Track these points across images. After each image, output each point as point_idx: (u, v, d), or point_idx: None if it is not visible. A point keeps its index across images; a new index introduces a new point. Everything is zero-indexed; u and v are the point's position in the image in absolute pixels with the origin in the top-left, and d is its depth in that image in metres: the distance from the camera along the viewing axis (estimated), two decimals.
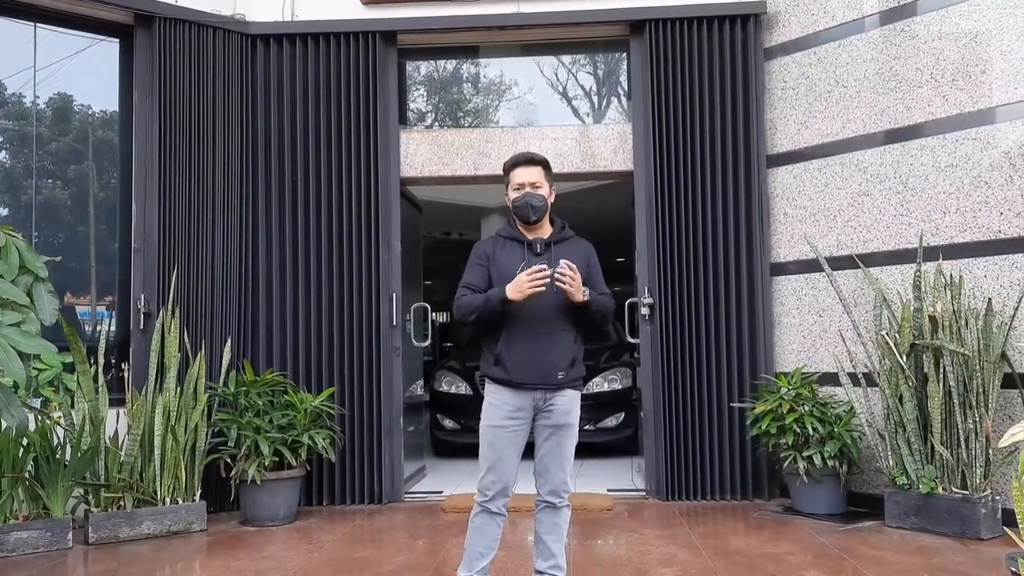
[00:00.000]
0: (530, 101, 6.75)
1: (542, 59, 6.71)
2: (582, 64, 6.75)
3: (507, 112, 6.82)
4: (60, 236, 5.95)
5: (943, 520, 4.79)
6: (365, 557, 4.60)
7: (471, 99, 6.90)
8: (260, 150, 6.13)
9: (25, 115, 5.84)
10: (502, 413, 3.47)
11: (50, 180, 5.95)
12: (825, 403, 5.39)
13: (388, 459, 6.02)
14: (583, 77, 6.79)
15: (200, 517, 5.31)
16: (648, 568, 4.27)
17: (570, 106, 6.75)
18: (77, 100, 6.05)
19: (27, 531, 4.81)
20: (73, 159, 6.02)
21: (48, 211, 5.91)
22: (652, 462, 5.97)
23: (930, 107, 5.35)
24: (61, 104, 6.00)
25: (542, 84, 6.72)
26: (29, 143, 5.84)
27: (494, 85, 6.88)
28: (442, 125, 6.84)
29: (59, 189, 5.97)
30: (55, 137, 5.98)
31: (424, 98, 6.94)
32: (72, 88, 5.99)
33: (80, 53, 5.95)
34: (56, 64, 5.88)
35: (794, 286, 5.94)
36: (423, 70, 6.87)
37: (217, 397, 5.58)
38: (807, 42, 5.93)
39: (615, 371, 7.80)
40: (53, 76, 5.88)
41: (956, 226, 5.21)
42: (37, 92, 5.83)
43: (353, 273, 6.03)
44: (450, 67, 6.89)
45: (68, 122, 6.05)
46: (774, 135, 6.07)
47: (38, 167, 5.89)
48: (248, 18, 6.16)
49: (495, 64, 6.80)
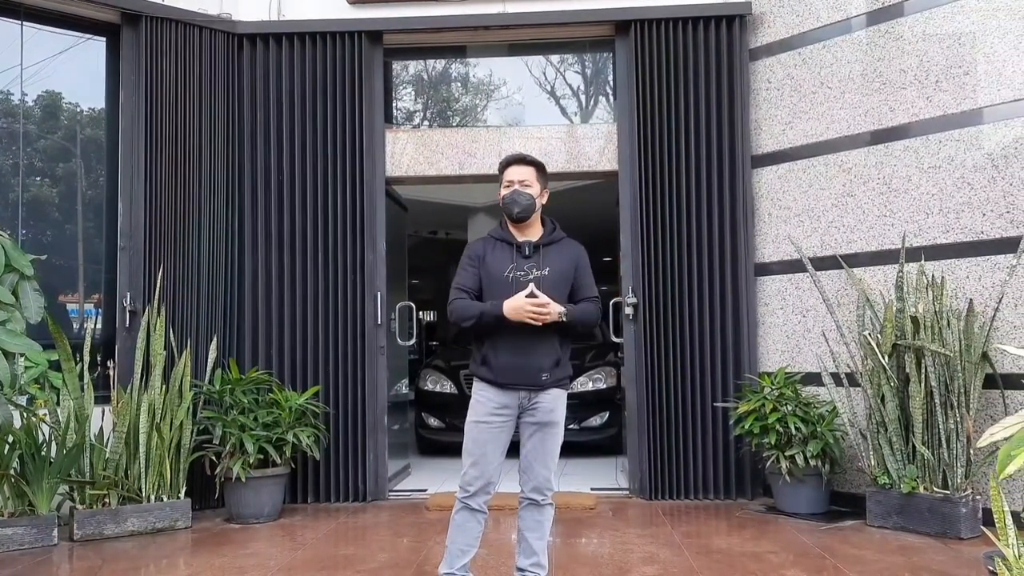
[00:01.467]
0: (516, 101, 6.78)
1: (528, 59, 6.73)
2: (568, 64, 6.78)
3: (493, 112, 6.85)
4: (49, 234, 5.95)
5: (924, 520, 4.82)
6: (349, 555, 4.61)
7: (457, 99, 6.91)
8: (246, 149, 6.14)
9: (12, 112, 5.84)
10: (487, 409, 3.52)
11: (39, 178, 5.94)
12: (808, 403, 5.42)
13: (372, 457, 6.03)
14: (569, 77, 6.81)
15: (185, 514, 5.32)
16: (630, 566, 4.29)
17: (556, 106, 6.77)
18: (65, 98, 6.05)
19: (12, 528, 4.81)
20: (61, 157, 6.01)
21: (36, 209, 5.90)
22: (635, 461, 5.99)
23: (914, 108, 5.38)
24: (49, 102, 6.00)
25: (528, 84, 6.74)
26: (16, 141, 5.83)
27: (480, 85, 6.90)
28: (428, 125, 6.85)
29: (47, 187, 5.97)
30: (43, 135, 5.98)
31: (410, 98, 6.95)
32: (59, 86, 5.98)
33: (67, 51, 5.94)
34: (44, 62, 5.88)
35: (778, 286, 5.97)
36: (409, 70, 6.88)
37: (202, 395, 5.59)
38: (792, 43, 5.96)
39: (600, 370, 7.82)
40: (40, 74, 5.88)
41: (939, 227, 5.24)
42: (25, 90, 5.83)
43: (338, 272, 6.04)
44: (436, 67, 6.90)
45: (56, 120, 6.05)
46: (759, 135, 6.10)
47: (26, 165, 5.88)
48: (235, 17, 6.16)
49: (481, 64, 6.82)
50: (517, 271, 3.52)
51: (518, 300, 3.38)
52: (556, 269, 3.56)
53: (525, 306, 3.36)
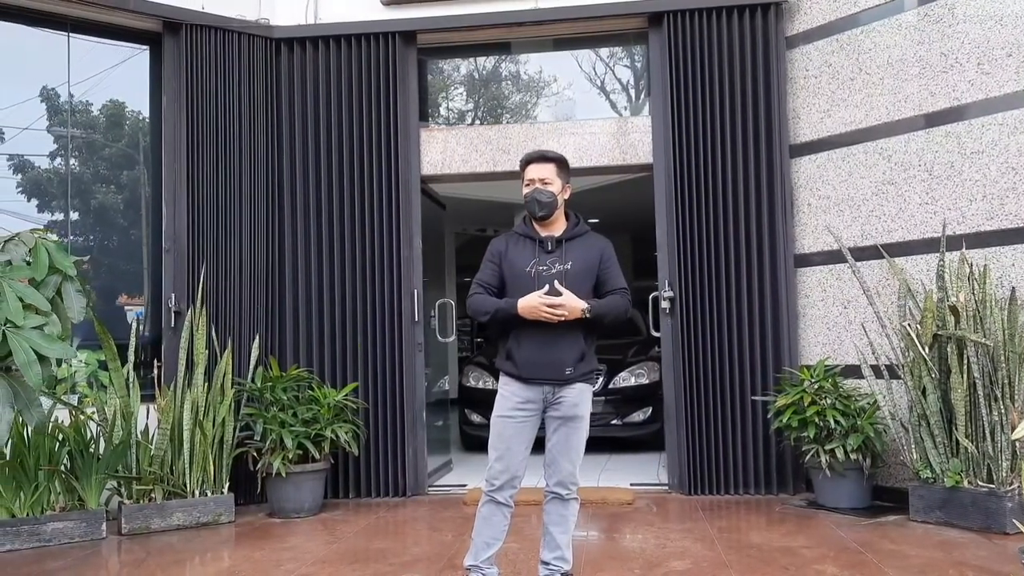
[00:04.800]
0: (553, 96, 6.77)
1: (560, 54, 6.73)
2: (602, 58, 6.74)
3: (525, 108, 6.85)
4: (115, 238, 6.22)
5: (968, 514, 4.70)
6: (382, 548, 4.67)
7: (490, 96, 6.93)
8: (285, 150, 6.26)
9: (83, 124, 6.11)
10: (511, 404, 3.55)
11: (103, 185, 6.19)
12: (848, 396, 5.31)
13: (412, 452, 6.10)
14: (603, 71, 6.78)
15: (228, 509, 5.45)
16: (660, 561, 4.27)
17: (593, 100, 6.73)
18: (128, 107, 6.28)
19: (63, 522, 5.00)
20: (126, 164, 6.24)
21: (96, 214, 6.15)
22: (675, 456, 5.95)
23: (955, 92, 5.24)
24: (113, 111, 6.23)
25: (561, 80, 6.73)
26: (89, 150, 6.10)
27: (514, 82, 6.91)
28: (461, 122, 6.89)
29: (109, 193, 6.20)
30: (109, 143, 6.21)
31: (443, 96, 7.00)
32: (113, 95, 6.19)
33: (119, 61, 6.14)
34: (98, 72, 6.09)
35: (819, 277, 5.87)
36: (442, 68, 6.93)
37: (244, 392, 5.72)
38: (829, 29, 5.85)
39: (642, 365, 7.77)
40: (97, 84, 6.09)
41: (983, 214, 5.10)
42: (78, 99, 6.05)
43: (376, 270, 6.13)
44: (470, 65, 6.94)
45: (121, 128, 6.27)
46: (797, 124, 6.00)
47: (93, 173, 6.13)
48: (272, 22, 6.28)
49: (514, 61, 6.83)
50: (539, 266, 3.53)
51: (532, 299, 3.40)
52: (580, 263, 3.55)
53: (539, 306, 3.37)
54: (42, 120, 5.97)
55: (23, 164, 5.96)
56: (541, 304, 3.37)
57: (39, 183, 6.00)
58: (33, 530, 4.90)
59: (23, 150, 5.93)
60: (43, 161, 5.99)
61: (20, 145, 5.93)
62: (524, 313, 3.40)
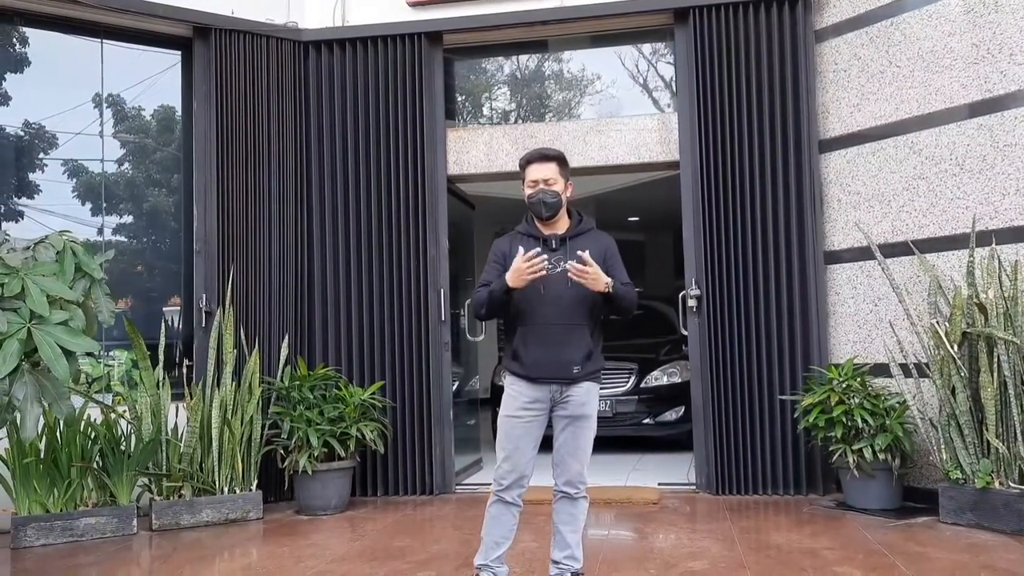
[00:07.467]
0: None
1: (585, 52, 6.70)
2: (628, 55, 6.69)
3: (551, 107, 6.84)
4: (167, 240, 6.43)
5: (1000, 516, 4.58)
6: (403, 546, 4.71)
7: (515, 95, 6.94)
8: (313, 151, 6.34)
9: (134, 129, 6.32)
10: (518, 403, 3.55)
11: (155, 188, 6.38)
12: (877, 395, 5.21)
13: (439, 451, 6.14)
14: (630, 68, 6.73)
15: (257, 506, 5.54)
16: (677, 561, 4.23)
17: (621, 98, 6.69)
18: (171, 109, 6.44)
19: (95, 517, 5.13)
20: (174, 167, 6.39)
21: (154, 217, 6.37)
22: (702, 455, 5.89)
23: (987, 84, 5.10)
24: (164, 116, 6.42)
25: (587, 77, 6.71)
26: (142, 153, 6.34)
27: (538, 80, 6.90)
28: (488, 122, 6.90)
29: (164, 196, 6.40)
30: (160, 147, 6.39)
31: (469, 96, 7.02)
32: (149, 101, 6.37)
33: (149, 65, 6.28)
34: (146, 80, 6.27)
35: (849, 274, 5.76)
36: (468, 68, 6.95)
37: (273, 391, 5.81)
38: (859, 22, 5.73)
39: (675, 364, 7.70)
40: (132, 89, 6.27)
41: (1016, 208, 4.96)
42: (112, 103, 6.21)
43: (403, 269, 6.17)
44: (494, 65, 6.95)
45: (171, 133, 6.43)
46: (826, 119, 5.89)
47: (145, 176, 6.35)
48: (300, 25, 6.37)
49: (539, 60, 6.82)
50: (544, 264, 3.52)
51: (515, 263, 3.35)
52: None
53: (520, 265, 3.32)
54: (93, 126, 6.15)
55: (76, 169, 6.15)
56: (521, 263, 3.32)
57: (92, 187, 6.16)
58: (66, 525, 5.04)
59: (68, 155, 6.12)
60: (94, 166, 6.18)
61: (64, 151, 6.12)
62: (513, 282, 3.37)
